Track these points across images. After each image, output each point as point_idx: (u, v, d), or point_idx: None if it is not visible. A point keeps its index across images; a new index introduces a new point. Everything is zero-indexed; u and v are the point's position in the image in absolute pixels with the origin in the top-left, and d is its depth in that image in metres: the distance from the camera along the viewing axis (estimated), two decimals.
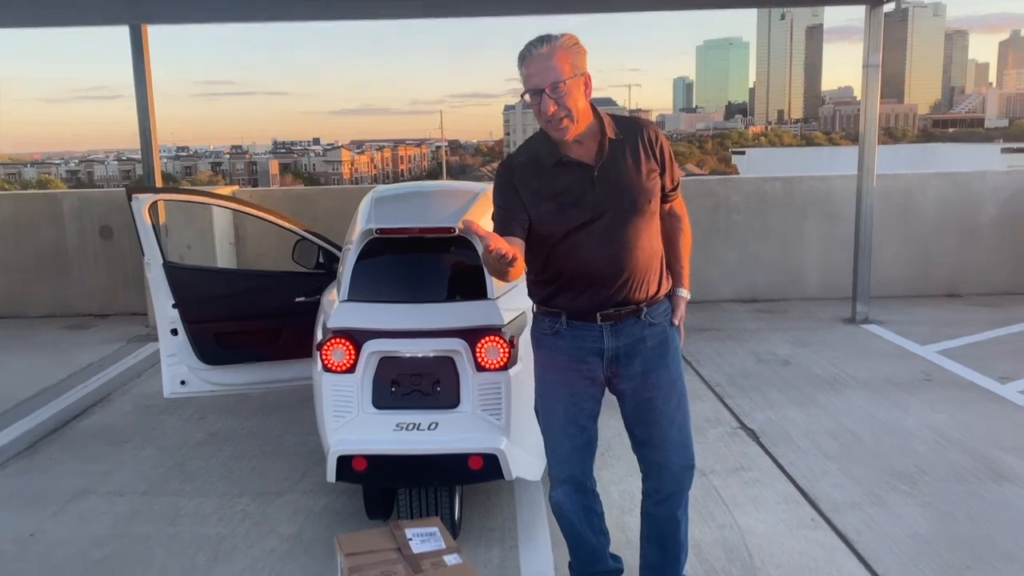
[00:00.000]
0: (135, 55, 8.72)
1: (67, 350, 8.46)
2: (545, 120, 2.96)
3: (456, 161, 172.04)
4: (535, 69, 2.90)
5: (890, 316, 8.84)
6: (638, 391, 3.24)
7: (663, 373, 3.24)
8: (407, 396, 3.98)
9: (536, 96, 2.92)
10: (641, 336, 3.19)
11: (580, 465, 3.33)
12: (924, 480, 4.90)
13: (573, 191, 3.04)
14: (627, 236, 3.07)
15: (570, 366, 3.22)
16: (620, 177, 3.05)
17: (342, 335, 3.97)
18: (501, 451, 3.88)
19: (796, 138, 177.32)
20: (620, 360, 3.20)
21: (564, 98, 2.91)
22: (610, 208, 3.04)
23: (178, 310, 5.45)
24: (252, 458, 5.55)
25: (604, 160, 3.04)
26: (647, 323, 3.19)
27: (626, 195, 3.05)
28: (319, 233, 5.71)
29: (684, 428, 3.30)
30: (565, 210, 3.03)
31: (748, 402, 6.30)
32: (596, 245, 3.05)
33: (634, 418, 3.31)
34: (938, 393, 6.42)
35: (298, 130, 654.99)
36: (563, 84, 2.89)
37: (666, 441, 3.27)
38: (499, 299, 4.14)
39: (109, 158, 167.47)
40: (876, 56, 8.50)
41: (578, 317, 3.17)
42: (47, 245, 10.09)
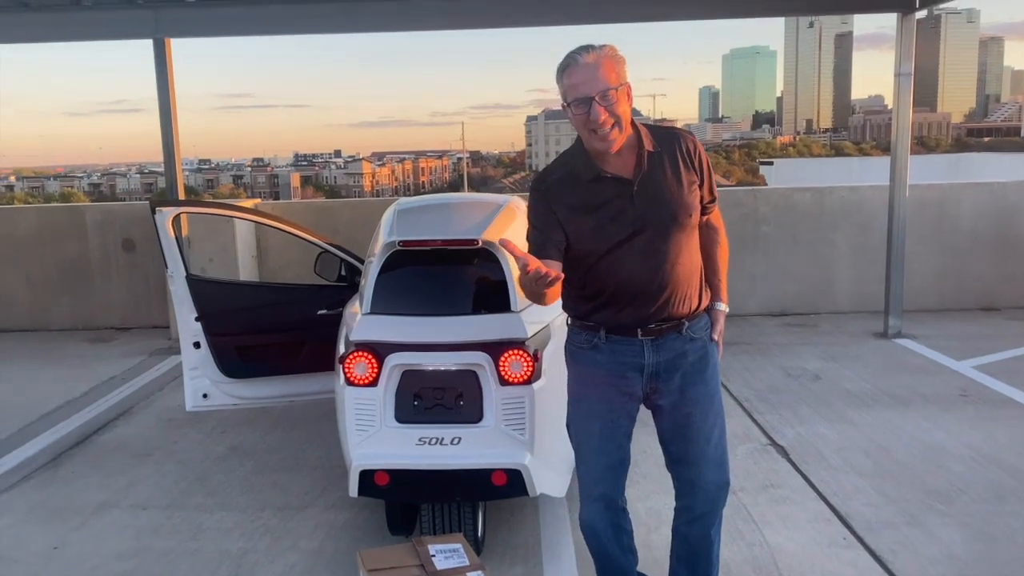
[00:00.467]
0: (158, 69, 8.82)
1: (90, 363, 8.54)
2: (591, 130, 2.90)
3: (477, 173, 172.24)
4: (581, 78, 2.87)
5: (924, 330, 8.77)
6: (676, 406, 3.21)
7: (702, 388, 3.21)
8: (430, 410, 3.98)
9: (583, 106, 2.87)
10: (682, 351, 3.16)
11: (613, 483, 3.30)
12: (962, 499, 4.85)
13: (612, 207, 3.00)
14: (669, 251, 3.03)
15: (608, 381, 3.18)
16: (660, 191, 3.01)
17: (364, 348, 3.98)
18: (525, 467, 3.88)
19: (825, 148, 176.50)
20: (660, 375, 3.16)
21: (613, 106, 2.88)
22: (651, 223, 3.00)
23: (201, 323, 5.49)
24: (274, 472, 5.58)
25: (643, 174, 3.00)
26: (688, 338, 3.16)
27: (666, 209, 3.01)
28: (341, 245, 5.74)
29: (720, 446, 3.27)
30: (604, 226, 3.00)
31: (778, 418, 6.26)
32: (638, 261, 3.01)
33: (670, 434, 3.27)
34: (975, 410, 6.36)
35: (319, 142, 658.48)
36: (613, 92, 2.86)
37: (702, 458, 3.24)
38: (523, 312, 4.14)
39: (131, 171, 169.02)
40: (908, 64, 8.47)
41: (618, 332, 3.13)
42: (70, 258, 10.20)
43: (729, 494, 3.35)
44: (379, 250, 4.33)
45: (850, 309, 9.80)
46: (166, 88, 8.85)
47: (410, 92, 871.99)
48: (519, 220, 4.81)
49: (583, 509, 3.35)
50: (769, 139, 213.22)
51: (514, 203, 5.03)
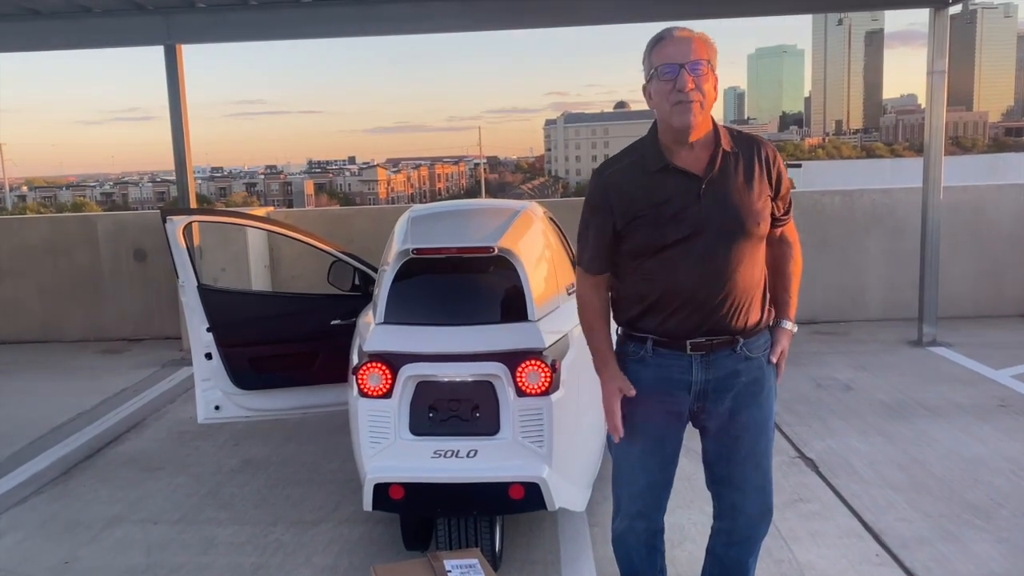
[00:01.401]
0: (169, 75, 8.90)
1: (101, 375, 8.62)
2: (674, 103, 2.83)
3: (495, 179, 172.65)
4: (674, 49, 2.83)
5: (960, 338, 8.71)
6: (724, 428, 3.15)
7: (755, 413, 3.13)
8: (445, 422, 3.99)
9: (670, 73, 2.82)
10: (735, 370, 3.06)
11: (654, 502, 3.28)
12: (1001, 514, 4.81)
13: (675, 202, 2.92)
14: (728, 258, 2.94)
15: (653, 398, 3.11)
16: (728, 193, 2.93)
17: (378, 359, 3.99)
18: (543, 480, 3.87)
19: (856, 149, 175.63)
20: (709, 395, 3.09)
21: (701, 80, 2.82)
22: (713, 225, 2.91)
23: (212, 334, 5.52)
24: (287, 486, 5.60)
25: (715, 173, 2.93)
26: (743, 356, 3.06)
27: (733, 214, 2.93)
28: (355, 254, 5.77)
29: (767, 473, 3.21)
30: (663, 223, 2.92)
31: (807, 430, 6.23)
32: (694, 264, 2.92)
33: (716, 455, 3.22)
34: (1014, 420, 6.31)
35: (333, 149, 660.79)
36: (704, 65, 2.82)
37: (747, 483, 3.19)
38: (540, 321, 4.15)
39: (143, 180, 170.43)
40: (941, 62, 8.42)
41: (665, 344, 3.05)
42: (81, 269, 10.30)
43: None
44: (393, 258, 4.34)
45: (882, 316, 9.76)
46: (177, 95, 8.93)
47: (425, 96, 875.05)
48: (536, 227, 4.82)
49: (617, 523, 3.34)
50: (797, 141, 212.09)
51: (531, 209, 5.03)
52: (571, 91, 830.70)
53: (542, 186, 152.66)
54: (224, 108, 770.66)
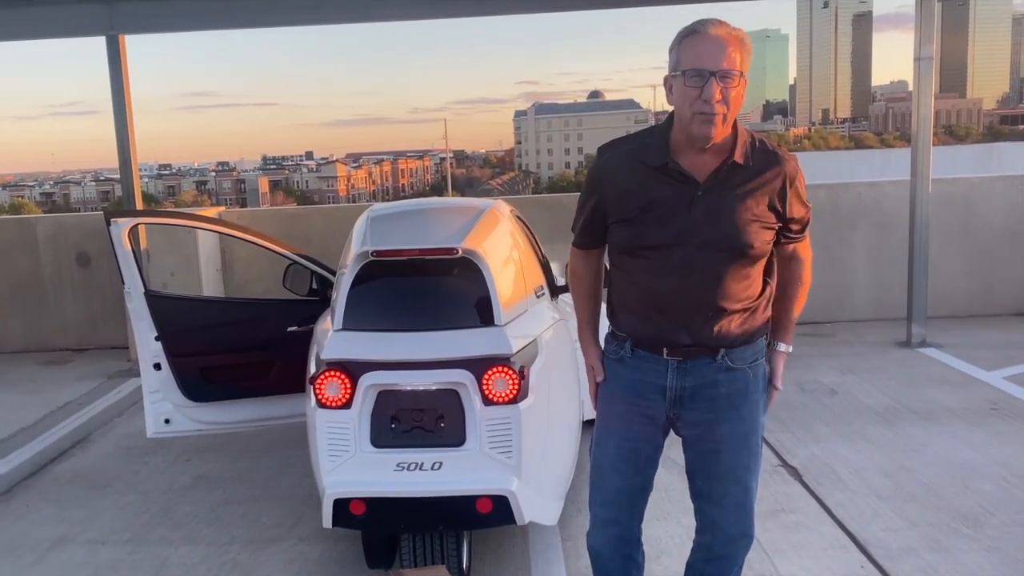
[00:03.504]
0: (112, 67, 8.86)
1: (43, 388, 8.57)
2: (697, 112, 2.79)
3: (463, 174, 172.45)
4: (707, 49, 2.77)
5: (950, 338, 8.84)
6: (703, 440, 3.17)
7: (736, 426, 3.14)
8: (408, 433, 4.02)
9: (698, 79, 2.77)
10: (713, 380, 3.08)
11: (627, 509, 3.30)
12: (991, 523, 4.90)
13: (665, 204, 2.91)
14: (711, 273, 2.94)
15: (629, 400, 3.16)
16: (723, 209, 2.91)
17: (337, 367, 4.02)
18: (512, 492, 3.91)
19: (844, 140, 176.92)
20: (684, 403, 3.11)
21: (729, 91, 2.78)
22: (698, 238, 2.90)
23: (161, 343, 5.51)
24: (243, 503, 5.62)
25: (715, 182, 2.91)
26: (724, 366, 3.06)
27: (723, 231, 2.91)
28: (312, 256, 5.78)
29: (749, 492, 3.22)
30: (647, 223, 2.93)
31: (790, 437, 6.31)
32: (673, 273, 2.94)
33: (696, 467, 3.25)
34: (1007, 424, 6.42)
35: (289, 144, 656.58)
36: (735, 76, 2.78)
37: (726, 499, 3.21)
38: (507, 326, 4.19)
39: (87, 179, 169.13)
40: (929, 47, 8.50)
41: (644, 347, 3.09)
42: (21, 275, 10.22)
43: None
44: (351, 261, 4.36)
45: (870, 316, 9.86)
46: (121, 88, 8.89)
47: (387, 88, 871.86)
48: (502, 226, 4.86)
49: (591, 533, 3.36)
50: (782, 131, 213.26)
51: (497, 207, 5.07)
52: (542, 80, 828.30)
53: (512, 181, 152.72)
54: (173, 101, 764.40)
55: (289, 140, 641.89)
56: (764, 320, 3.15)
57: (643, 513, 3.35)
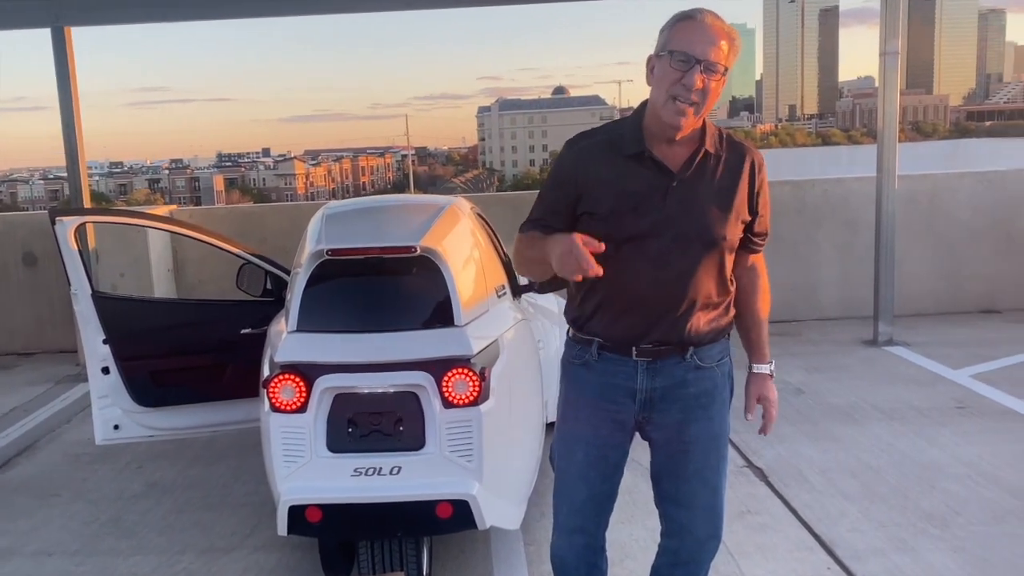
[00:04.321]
0: (58, 61, 8.77)
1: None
2: (673, 96, 2.82)
3: (425, 171, 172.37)
4: (698, 36, 2.80)
5: (917, 337, 8.93)
6: (671, 442, 3.18)
7: (705, 427, 3.16)
8: (366, 437, 4.00)
9: (684, 64, 2.79)
10: (682, 379, 3.10)
11: (594, 518, 3.29)
12: (957, 522, 4.95)
13: (640, 194, 2.93)
14: (685, 266, 2.97)
15: (596, 405, 3.15)
16: (698, 198, 2.95)
17: (291, 370, 3.99)
18: (473, 497, 3.91)
19: (811, 136, 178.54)
20: (655, 404, 3.12)
21: (710, 83, 2.82)
22: (673, 229, 2.93)
23: (109, 346, 5.45)
24: (196, 511, 5.57)
25: (689, 172, 2.95)
26: (692, 365, 3.09)
27: (697, 220, 2.95)
28: (267, 256, 5.75)
29: (718, 493, 3.24)
30: (623, 214, 2.93)
31: (755, 437, 6.22)
32: (647, 266, 2.95)
33: (663, 469, 3.25)
34: (973, 423, 6.49)
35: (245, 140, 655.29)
36: (719, 71, 2.82)
37: (695, 501, 3.22)
38: (468, 326, 4.18)
39: (34, 177, 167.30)
40: (894, 42, 8.59)
41: (611, 349, 3.09)
42: None
43: None
44: (306, 260, 4.34)
45: (837, 315, 9.93)
46: (67, 83, 8.80)
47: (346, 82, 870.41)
48: (463, 224, 4.86)
49: (555, 541, 3.35)
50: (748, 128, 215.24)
51: (457, 205, 5.07)
52: (504, 75, 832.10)
53: (476, 179, 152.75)
54: (123, 96, 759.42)
55: (245, 136, 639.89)
56: (730, 319, 3.19)
57: (608, 520, 3.35)
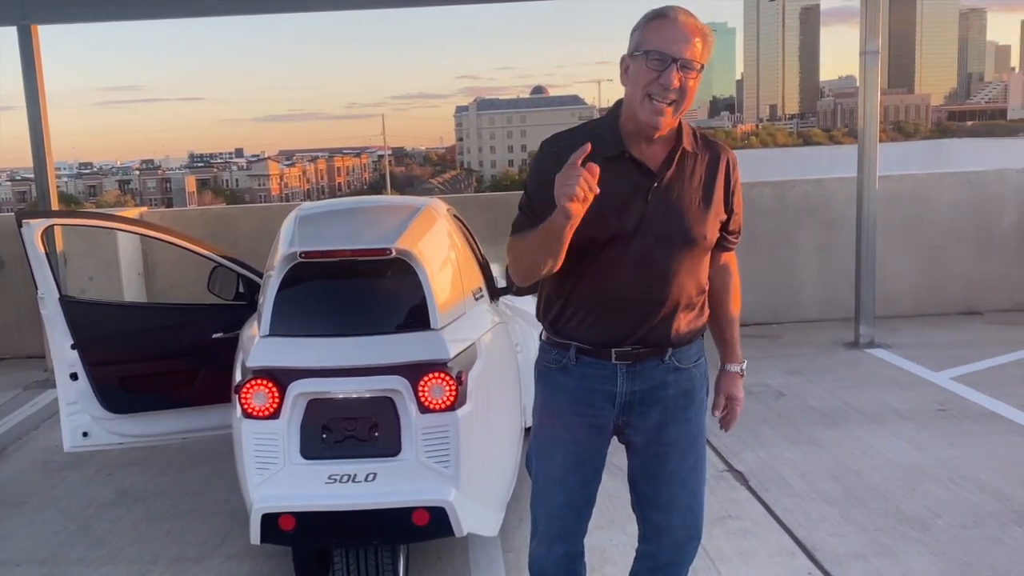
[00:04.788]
0: (24, 60, 8.70)
1: None
2: (649, 95, 2.84)
3: (402, 172, 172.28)
4: (672, 35, 2.82)
5: (898, 338, 8.98)
6: (650, 444, 3.19)
7: (683, 428, 3.18)
8: (340, 444, 3.99)
9: (660, 63, 2.81)
10: (663, 381, 3.12)
11: (573, 524, 3.29)
12: (938, 525, 4.99)
13: (621, 195, 2.93)
14: (667, 265, 2.99)
15: (575, 410, 3.15)
16: (679, 197, 2.98)
17: (264, 375, 3.98)
18: (450, 503, 3.90)
19: (792, 136, 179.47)
20: (634, 408, 3.13)
21: (687, 81, 2.84)
22: (655, 228, 2.95)
23: (78, 351, 5.42)
24: (167, 519, 5.55)
25: (670, 172, 2.97)
26: (671, 367, 3.12)
27: (679, 219, 2.97)
28: (239, 259, 5.73)
29: (697, 494, 3.25)
30: (605, 216, 2.90)
31: (736, 441, 6.36)
32: (630, 266, 2.97)
33: (641, 472, 3.26)
34: (954, 425, 6.54)
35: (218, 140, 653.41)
36: (695, 69, 2.84)
37: (674, 503, 3.23)
38: (444, 329, 4.18)
39: (2, 178, 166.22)
40: (875, 41, 8.65)
41: (589, 352, 3.10)
42: None
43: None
44: (278, 263, 4.32)
45: (817, 317, 9.98)
46: (34, 82, 8.73)
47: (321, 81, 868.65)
48: (439, 225, 4.86)
49: (534, 548, 3.34)
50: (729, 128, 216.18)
51: (433, 206, 5.07)
52: (483, 75, 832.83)
53: (454, 180, 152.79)
54: (93, 96, 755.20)
55: (217, 136, 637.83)
56: (705, 319, 3.22)
57: (587, 527, 3.36)
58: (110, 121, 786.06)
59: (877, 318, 8.92)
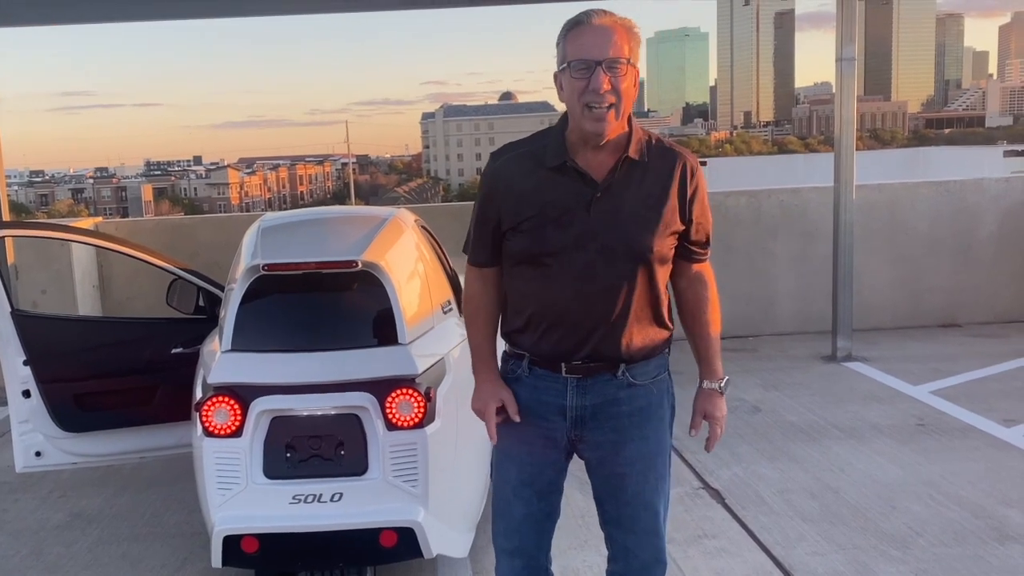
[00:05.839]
0: None
1: None
2: (586, 104, 2.85)
3: (366, 180, 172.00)
4: (591, 40, 2.83)
5: (876, 352, 9.04)
6: (606, 463, 3.19)
7: (640, 447, 3.17)
8: (305, 462, 3.99)
9: (585, 71, 2.83)
10: (614, 397, 3.12)
11: (534, 537, 3.30)
12: (918, 543, 5.02)
13: (562, 205, 2.95)
14: (612, 279, 2.98)
15: (528, 422, 3.17)
16: (623, 208, 2.96)
17: (225, 392, 3.97)
18: (418, 524, 3.90)
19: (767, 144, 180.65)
20: (586, 423, 3.14)
21: (619, 79, 2.84)
22: (598, 241, 2.95)
23: (31, 367, 5.38)
24: (123, 542, 5.51)
25: (613, 181, 2.96)
26: (625, 382, 3.11)
27: (623, 231, 2.96)
28: (198, 271, 5.70)
29: (658, 515, 3.25)
30: (544, 227, 2.95)
31: (711, 457, 6.38)
32: (571, 281, 2.97)
33: (603, 493, 3.27)
34: (933, 441, 6.59)
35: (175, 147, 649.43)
36: (622, 64, 2.84)
37: (637, 524, 3.23)
38: (412, 344, 4.18)
39: None
40: (851, 48, 8.71)
41: (541, 364, 3.12)
42: None
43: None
44: (240, 275, 4.31)
45: (794, 329, 10.03)
46: None
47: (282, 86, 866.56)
48: (406, 237, 4.86)
49: (497, 566, 3.36)
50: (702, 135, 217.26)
51: (400, 217, 5.07)
52: (450, 80, 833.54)
53: (420, 188, 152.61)
54: (44, 101, 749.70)
55: (175, 143, 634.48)
56: (666, 334, 3.21)
57: (550, 541, 3.36)
58: (63, 127, 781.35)
59: (855, 331, 8.96)
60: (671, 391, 3.28)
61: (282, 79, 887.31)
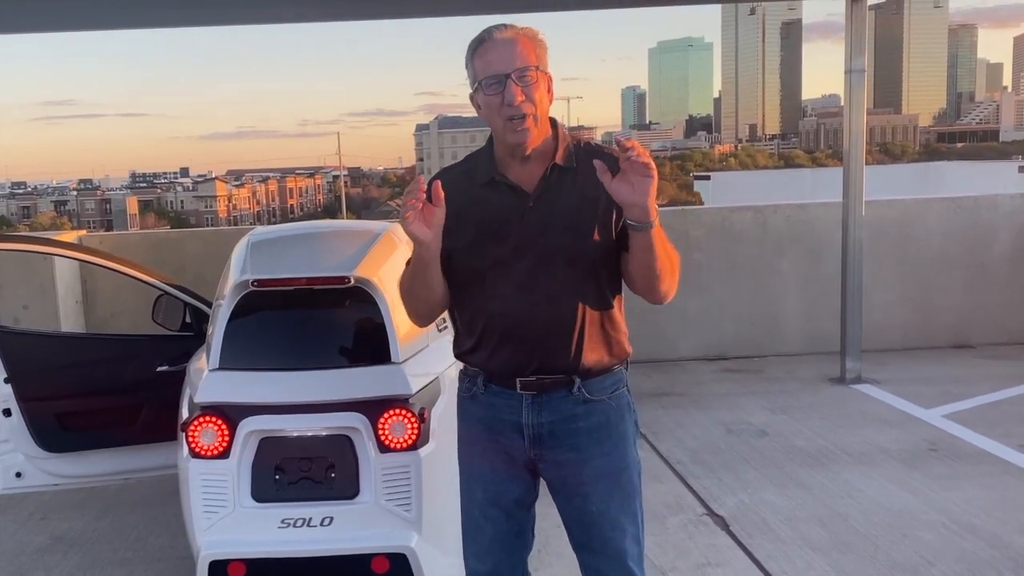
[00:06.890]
0: None
1: None
2: (506, 118, 2.94)
3: (358, 194, 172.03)
4: (496, 55, 2.93)
5: (887, 373, 9.02)
6: (568, 483, 3.20)
7: (601, 463, 3.17)
8: (295, 485, 3.98)
9: (496, 86, 2.93)
10: (571, 414, 3.13)
11: (506, 559, 3.29)
12: (930, 573, 5.00)
13: (498, 220, 3.04)
14: (552, 287, 3.03)
15: (487, 438, 3.21)
16: (556, 216, 3.03)
17: (212, 412, 3.96)
18: (411, 549, 3.90)
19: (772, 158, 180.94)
20: (544, 441, 3.15)
21: (531, 89, 2.93)
22: (535, 250, 3.02)
23: (11, 386, 5.39)
24: (106, 566, 5.50)
25: (544, 190, 3.03)
26: (581, 399, 3.13)
27: (559, 238, 3.02)
28: (185, 287, 5.71)
29: (628, 535, 3.22)
30: (483, 243, 3.04)
31: (716, 483, 6.39)
32: (512, 292, 3.04)
33: (568, 516, 3.27)
34: (946, 466, 6.57)
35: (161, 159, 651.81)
36: (532, 72, 2.93)
37: (607, 547, 3.21)
38: (406, 363, 4.18)
39: None
40: (861, 59, 8.72)
41: (496, 380, 3.17)
42: None
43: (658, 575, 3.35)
44: (229, 291, 4.32)
45: (801, 350, 10.00)
46: None
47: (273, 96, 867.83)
48: (399, 252, 4.85)
49: None
50: (706, 148, 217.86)
51: (393, 231, 5.07)
52: (445, 91, 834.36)
53: None
54: (26, 111, 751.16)
55: (161, 155, 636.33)
56: (622, 347, 3.22)
57: (525, 561, 3.36)
58: (45, 138, 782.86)
59: (864, 352, 8.96)
60: (632, 407, 3.28)
61: (272, 89, 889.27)
